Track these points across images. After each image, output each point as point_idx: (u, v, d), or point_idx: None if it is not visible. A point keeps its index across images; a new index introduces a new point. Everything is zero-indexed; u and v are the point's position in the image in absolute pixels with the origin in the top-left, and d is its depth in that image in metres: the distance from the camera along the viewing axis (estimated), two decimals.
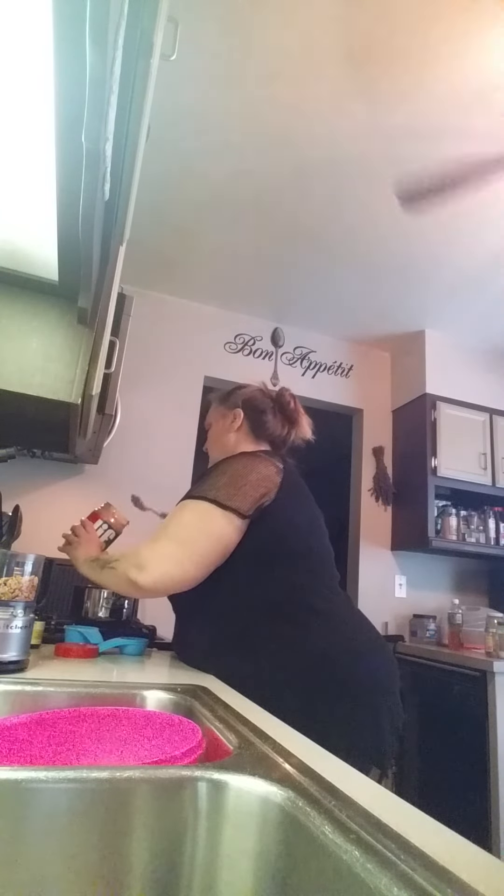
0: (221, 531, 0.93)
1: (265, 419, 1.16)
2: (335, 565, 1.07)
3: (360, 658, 0.93)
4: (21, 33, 0.53)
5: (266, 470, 1.00)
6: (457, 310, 2.72)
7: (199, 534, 0.94)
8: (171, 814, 0.39)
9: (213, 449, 1.22)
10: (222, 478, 0.98)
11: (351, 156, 1.83)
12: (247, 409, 1.17)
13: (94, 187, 0.64)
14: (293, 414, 1.18)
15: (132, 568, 0.91)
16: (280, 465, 1.03)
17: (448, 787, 2.02)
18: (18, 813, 0.36)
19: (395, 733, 0.90)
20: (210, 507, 0.94)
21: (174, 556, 0.92)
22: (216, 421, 1.22)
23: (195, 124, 1.76)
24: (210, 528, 0.93)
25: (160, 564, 0.91)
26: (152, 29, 0.62)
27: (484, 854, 0.31)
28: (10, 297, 1.05)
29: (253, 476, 0.98)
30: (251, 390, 1.21)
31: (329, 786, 0.40)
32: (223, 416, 1.20)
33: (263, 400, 1.19)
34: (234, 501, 0.94)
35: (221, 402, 1.23)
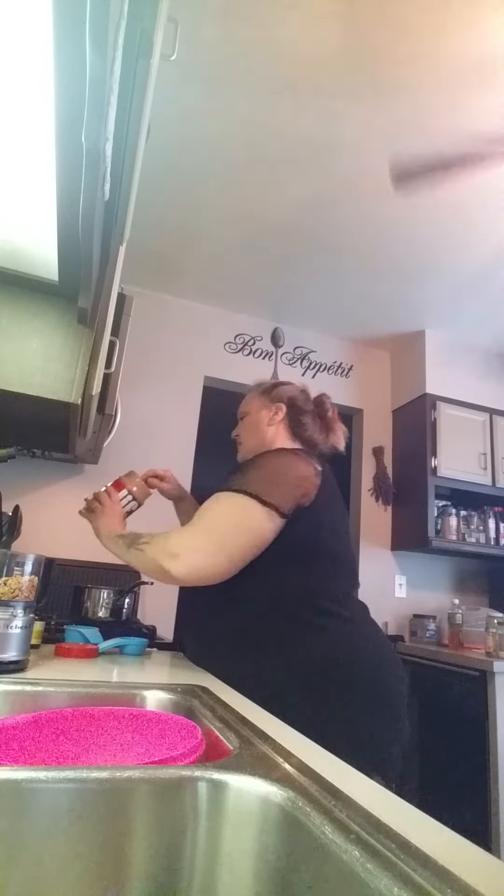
0: (259, 527, 0.92)
1: (304, 420, 1.15)
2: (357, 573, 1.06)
3: (370, 666, 0.92)
4: (21, 33, 0.53)
5: (306, 470, 0.99)
6: (457, 310, 2.72)
7: (236, 528, 0.92)
8: (171, 814, 0.39)
9: (248, 438, 1.19)
10: (262, 472, 0.96)
11: (351, 155, 1.83)
12: (289, 407, 1.16)
13: (94, 187, 0.64)
14: (330, 422, 1.17)
15: (164, 554, 0.89)
16: (318, 466, 1.02)
17: (448, 787, 2.02)
18: (18, 813, 0.36)
19: (399, 745, 0.89)
20: (250, 501, 0.92)
21: (208, 548, 0.90)
22: (255, 410, 1.19)
23: (195, 124, 1.76)
24: (248, 522, 0.92)
25: (193, 555, 0.89)
26: (152, 29, 0.62)
27: (484, 854, 0.31)
28: (10, 297, 1.05)
29: (293, 475, 0.97)
30: (295, 389, 1.20)
31: (329, 786, 0.40)
32: (265, 408, 1.18)
33: (306, 402, 1.18)
34: (275, 498, 0.92)
35: (264, 393, 1.21)
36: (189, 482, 2.62)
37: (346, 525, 1.07)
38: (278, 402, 1.17)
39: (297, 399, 1.18)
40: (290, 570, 0.96)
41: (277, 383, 1.23)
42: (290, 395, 1.18)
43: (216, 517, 0.94)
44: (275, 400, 1.17)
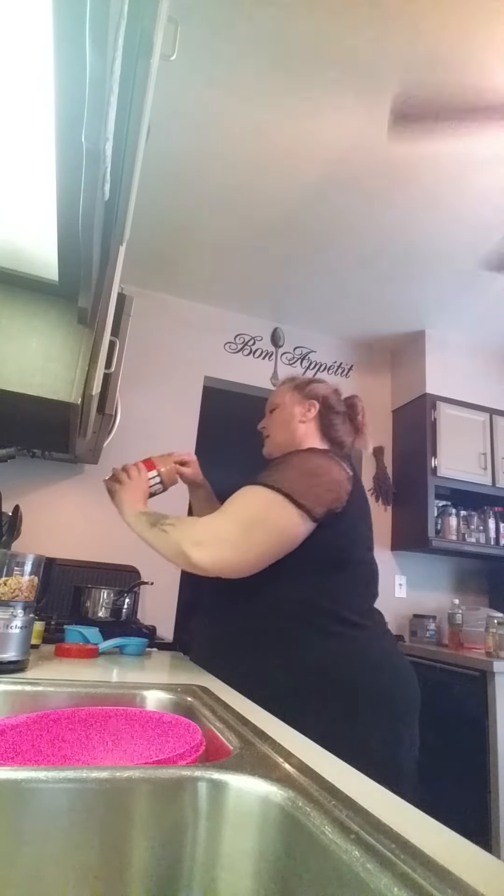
0: (290, 527, 0.89)
1: (335, 421, 1.14)
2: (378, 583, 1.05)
3: (389, 680, 0.91)
4: (21, 33, 0.53)
5: (339, 474, 0.97)
6: (457, 310, 2.72)
7: (266, 524, 0.89)
8: (171, 814, 0.39)
9: (277, 432, 1.17)
10: (296, 472, 0.94)
11: (351, 155, 1.83)
12: (322, 406, 1.14)
13: (94, 187, 0.64)
14: (360, 425, 1.16)
15: (189, 541, 0.87)
16: (350, 471, 1.01)
17: (448, 788, 2.02)
18: (18, 813, 0.36)
19: (412, 760, 0.88)
20: (283, 499, 0.89)
21: (236, 541, 0.88)
22: (287, 405, 1.16)
23: (195, 124, 1.76)
24: (279, 521, 0.89)
25: (219, 546, 0.87)
26: (152, 29, 0.62)
27: (484, 854, 0.31)
28: (10, 297, 1.05)
29: (327, 478, 0.95)
30: (329, 388, 1.18)
31: (329, 786, 0.40)
32: (298, 404, 1.15)
33: (338, 402, 1.17)
34: (308, 500, 0.90)
35: (297, 388, 1.18)
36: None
37: (371, 532, 1.05)
38: (312, 400, 1.14)
39: (330, 398, 1.16)
40: (319, 578, 0.94)
41: (311, 380, 1.20)
42: (323, 394, 1.16)
43: (247, 510, 0.91)
44: (308, 397, 1.15)
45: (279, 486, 0.91)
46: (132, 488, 1.09)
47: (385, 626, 1.01)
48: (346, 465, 1.02)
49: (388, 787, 0.69)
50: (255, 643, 0.92)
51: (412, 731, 0.91)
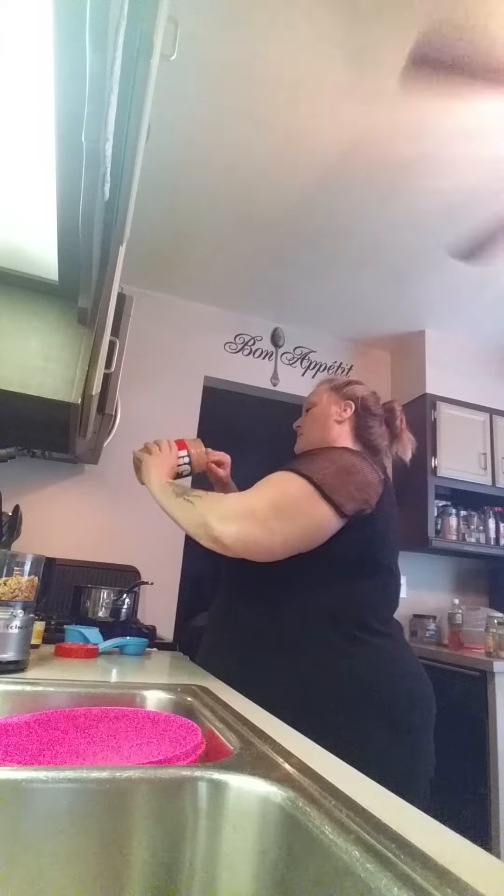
0: (319, 518, 0.87)
1: (372, 424, 1.13)
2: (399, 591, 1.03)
3: (409, 692, 0.90)
4: (21, 33, 0.53)
5: (372, 476, 0.96)
6: (457, 310, 2.72)
7: (296, 510, 0.87)
8: (171, 814, 0.39)
9: (311, 430, 1.16)
10: (331, 466, 0.92)
11: (350, 155, 1.83)
12: (359, 407, 1.13)
13: (94, 187, 0.64)
14: (398, 430, 1.15)
15: (215, 515, 0.84)
16: (382, 475, 0.99)
17: (448, 787, 2.02)
18: (18, 813, 0.36)
19: (427, 775, 0.88)
20: (313, 489, 0.88)
21: (266, 521, 0.84)
22: (324, 404, 1.15)
23: (195, 124, 1.76)
24: (309, 510, 0.87)
25: (247, 523, 0.84)
26: (152, 29, 0.62)
27: (484, 854, 0.31)
28: (10, 297, 1.05)
29: (359, 477, 0.93)
30: (367, 391, 1.17)
31: (329, 786, 0.40)
32: (335, 403, 1.14)
33: (376, 406, 1.15)
34: (339, 495, 0.88)
35: (335, 388, 1.17)
36: (188, 482, 2.62)
37: (399, 534, 1.03)
38: (349, 400, 1.13)
39: (368, 401, 1.14)
40: (343, 581, 0.93)
41: (349, 381, 1.19)
42: (361, 396, 1.14)
43: (279, 493, 0.89)
44: (346, 397, 1.14)
45: (313, 476, 0.89)
46: (162, 460, 1.07)
47: (403, 636, 1.00)
48: (379, 469, 1.01)
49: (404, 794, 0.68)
50: (279, 647, 0.90)
51: (429, 746, 0.90)
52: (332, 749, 0.54)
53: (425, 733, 0.90)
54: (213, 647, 1.02)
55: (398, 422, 1.16)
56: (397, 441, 1.16)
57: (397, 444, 1.16)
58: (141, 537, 2.40)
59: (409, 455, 1.17)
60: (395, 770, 0.80)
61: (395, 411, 1.16)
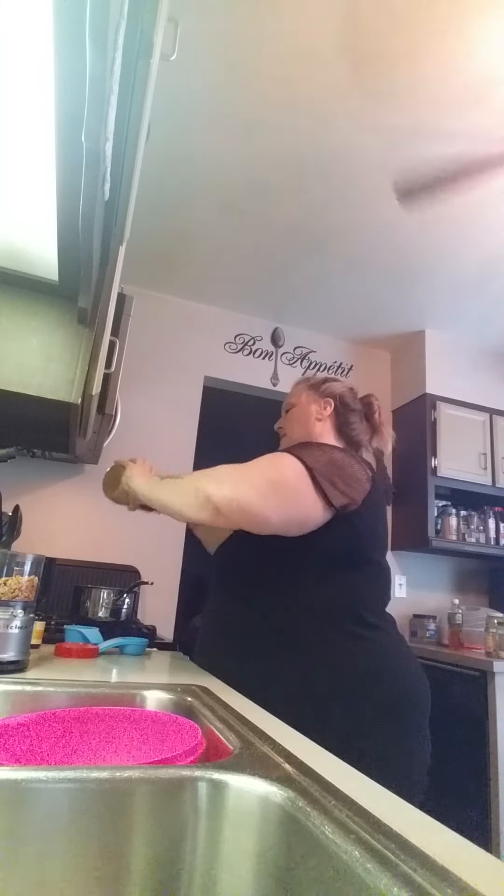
0: (310, 503, 0.89)
1: (352, 419, 1.14)
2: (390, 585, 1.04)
3: (406, 683, 0.91)
4: (21, 33, 0.53)
5: (360, 472, 0.98)
6: (457, 310, 2.72)
7: (292, 489, 0.88)
8: (171, 814, 0.39)
9: (293, 429, 1.17)
10: (322, 457, 0.94)
11: (351, 156, 1.83)
12: (338, 404, 1.14)
13: (94, 187, 0.64)
14: (377, 424, 1.16)
15: (207, 478, 0.85)
16: (369, 472, 1.01)
17: (448, 787, 2.02)
18: (18, 813, 0.36)
19: (425, 764, 0.89)
20: (307, 473, 0.89)
21: (261, 489, 0.86)
22: (303, 403, 1.17)
23: (195, 124, 1.76)
24: (303, 491, 0.88)
25: (240, 486, 0.84)
26: (152, 29, 0.62)
27: (484, 854, 0.31)
28: (10, 297, 1.05)
29: (348, 471, 0.95)
30: (345, 387, 1.19)
31: (329, 786, 0.40)
32: (314, 402, 1.16)
33: (354, 401, 1.17)
34: (326, 484, 0.90)
35: (313, 387, 1.19)
36: None
37: (388, 535, 1.05)
38: (327, 398, 1.15)
39: (346, 396, 1.16)
40: (334, 575, 0.94)
41: (326, 378, 1.21)
42: (339, 392, 1.16)
43: (276, 469, 0.90)
44: (324, 395, 1.16)
45: (307, 461, 0.90)
46: (143, 469, 1.11)
47: (396, 628, 1.01)
48: (366, 465, 1.03)
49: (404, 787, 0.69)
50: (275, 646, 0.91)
51: (427, 732, 0.91)
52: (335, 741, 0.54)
53: (423, 720, 0.92)
54: (208, 648, 1.03)
55: (376, 415, 1.17)
56: (377, 435, 1.17)
57: (377, 437, 1.17)
58: (141, 537, 2.40)
59: (389, 448, 1.18)
60: (397, 758, 0.83)
61: (373, 405, 1.18)
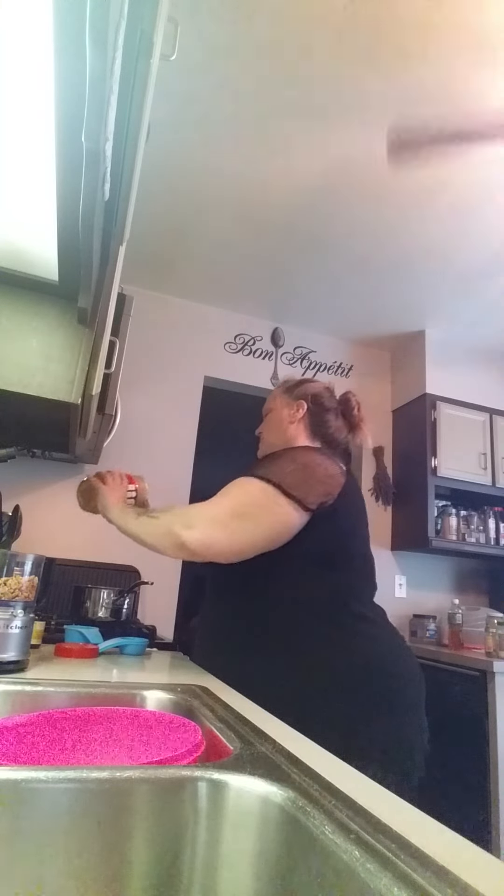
0: (282, 516, 0.91)
1: (328, 418, 1.15)
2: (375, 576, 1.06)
3: (399, 671, 0.92)
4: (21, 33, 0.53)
5: (332, 469, 0.99)
6: (457, 310, 2.72)
7: (257, 511, 0.91)
8: (171, 814, 0.39)
9: (269, 435, 1.19)
10: (289, 465, 0.96)
11: (350, 155, 1.83)
12: (311, 404, 1.15)
13: (94, 187, 0.64)
14: (355, 419, 1.16)
15: (179, 524, 0.88)
16: (343, 467, 1.02)
17: (448, 787, 2.02)
18: (18, 813, 0.36)
19: (423, 751, 0.90)
20: (273, 489, 0.91)
21: (227, 524, 0.89)
22: (277, 408, 1.19)
23: (195, 124, 1.76)
24: (272, 509, 0.91)
25: (211, 527, 0.88)
26: (152, 29, 0.62)
27: (484, 854, 0.31)
28: (10, 297, 1.05)
29: (320, 472, 0.97)
30: (319, 387, 1.19)
31: (329, 786, 0.39)
32: (286, 406, 1.17)
33: (330, 399, 1.17)
34: (299, 491, 0.91)
35: (287, 391, 1.20)
36: (189, 482, 2.62)
37: (367, 524, 1.07)
38: (300, 400, 1.16)
39: (321, 396, 1.16)
40: (322, 572, 0.95)
41: (302, 381, 1.22)
42: (313, 393, 1.17)
43: (239, 498, 0.93)
44: (297, 398, 1.17)
45: (271, 477, 0.93)
46: (115, 490, 1.14)
47: (386, 617, 1.03)
48: (340, 461, 1.04)
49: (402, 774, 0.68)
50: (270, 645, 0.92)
51: (422, 721, 0.92)
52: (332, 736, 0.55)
53: (419, 708, 0.93)
54: (205, 649, 1.04)
55: (354, 411, 1.17)
56: (356, 431, 1.17)
57: (356, 433, 1.17)
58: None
59: (370, 444, 1.20)
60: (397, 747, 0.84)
61: (350, 402, 1.18)
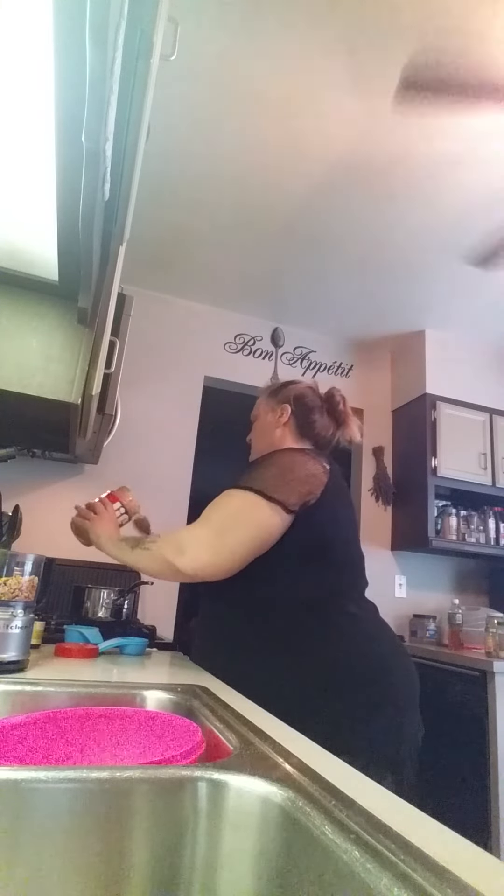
0: (264, 522, 0.93)
1: (313, 418, 1.15)
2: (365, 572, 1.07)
3: (390, 667, 0.93)
4: (21, 33, 0.53)
5: (314, 468, 1.00)
6: (457, 310, 2.72)
7: (240, 523, 0.93)
8: (171, 814, 0.39)
9: (257, 441, 1.20)
10: (270, 470, 0.98)
11: (350, 155, 1.83)
12: (296, 406, 1.16)
13: (94, 187, 0.64)
14: (341, 415, 1.16)
15: (171, 551, 0.91)
16: (327, 465, 1.03)
17: (448, 787, 2.02)
18: (18, 813, 0.36)
19: (416, 745, 0.90)
20: (255, 497, 0.93)
21: (213, 543, 0.92)
22: (263, 414, 1.20)
23: (195, 124, 1.76)
24: (253, 517, 0.93)
25: (198, 550, 0.91)
26: (152, 29, 0.62)
27: (484, 854, 0.31)
28: (10, 297, 1.05)
29: (301, 472, 0.98)
30: (302, 387, 1.19)
31: (329, 786, 0.39)
32: (271, 410, 1.18)
33: (313, 398, 1.17)
34: (281, 494, 0.93)
35: (270, 395, 1.21)
36: (189, 482, 2.62)
37: (356, 523, 1.08)
38: (284, 404, 1.16)
39: (304, 397, 1.17)
40: (308, 570, 0.97)
41: (285, 384, 1.23)
42: (296, 394, 1.17)
43: (221, 513, 0.96)
44: (281, 401, 1.17)
45: (250, 485, 0.95)
46: (104, 520, 1.14)
47: (377, 612, 1.03)
48: (324, 460, 1.05)
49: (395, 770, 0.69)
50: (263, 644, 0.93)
51: (415, 716, 0.92)
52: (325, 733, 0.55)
53: (410, 703, 0.93)
54: (202, 649, 1.06)
55: (340, 407, 1.17)
56: (343, 427, 1.17)
57: (344, 429, 1.17)
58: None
59: (358, 438, 1.19)
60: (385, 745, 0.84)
61: (335, 397, 1.18)
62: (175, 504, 2.55)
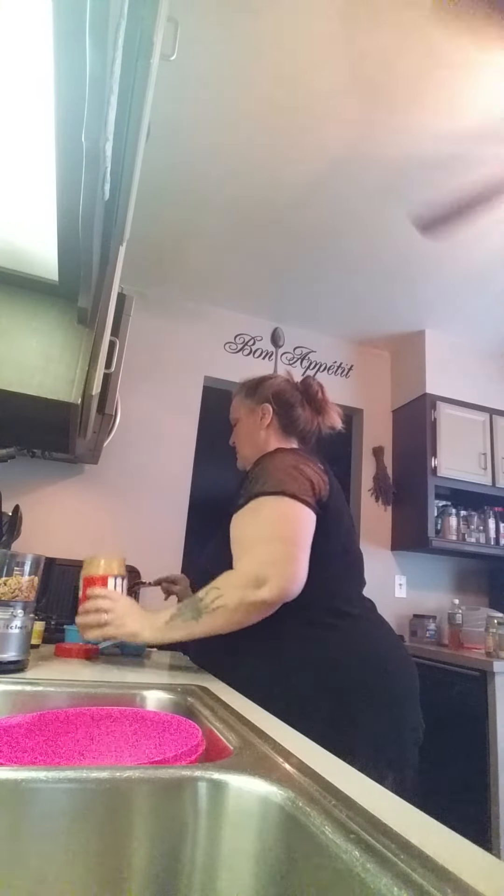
0: (309, 522, 0.91)
1: (296, 413, 1.13)
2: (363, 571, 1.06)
3: (387, 665, 0.92)
4: (21, 33, 0.53)
5: (314, 467, 0.99)
6: (457, 310, 2.72)
7: (296, 526, 0.90)
8: (171, 814, 0.39)
9: (243, 446, 1.17)
10: (283, 473, 0.95)
11: (350, 156, 1.83)
12: (276, 404, 1.13)
13: (94, 187, 0.64)
14: (321, 404, 1.14)
15: (250, 591, 0.83)
16: (321, 465, 1.02)
17: (448, 787, 2.02)
18: (18, 813, 0.36)
19: (415, 743, 0.90)
20: (291, 500, 0.90)
21: (289, 554, 0.86)
22: (244, 417, 1.16)
23: (195, 124, 1.76)
24: (302, 518, 0.90)
25: (279, 569, 0.84)
26: (152, 29, 0.62)
27: (484, 854, 0.31)
28: (10, 297, 1.05)
29: (306, 470, 0.97)
30: (279, 382, 1.16)
31: (329, 786, 0.39)
32: (252, 412, 1.15)
33: (293, 392, 1.14)
34: (305, 494, 0.92)
35: (248, 395, 1.17)
36: (189, 482, 2.62)
37: (353, 522, 1.07)
38: (264, 403, 1.13)
39: (285, 393, 1.14)
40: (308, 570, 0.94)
41: (260, 380, 1.18)
42: (274, 391, 1.14)
43: (277, 523, 0.90)
44: (260, 401, 1.14)
45: (281, 489, 0.91)
46: (125, 611, 0.90)
47: (376, 611, 1.02)
48: (317, 460, 1.04)
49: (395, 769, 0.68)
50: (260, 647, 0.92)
51: (415, 713, 0.92)
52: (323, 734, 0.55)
53: (409, 701, 0.92)
54: (201, 651, 1.05)
55: (318, 395, 1.14)
56: (323, 415, 1.15)
57: (324, 418, 1.15)
58: (141, 537, 2.40)
59: (340, 424, 1.16)
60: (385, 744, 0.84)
61: (312, 386, 1.15)
62: (175, 504, 2.55)
